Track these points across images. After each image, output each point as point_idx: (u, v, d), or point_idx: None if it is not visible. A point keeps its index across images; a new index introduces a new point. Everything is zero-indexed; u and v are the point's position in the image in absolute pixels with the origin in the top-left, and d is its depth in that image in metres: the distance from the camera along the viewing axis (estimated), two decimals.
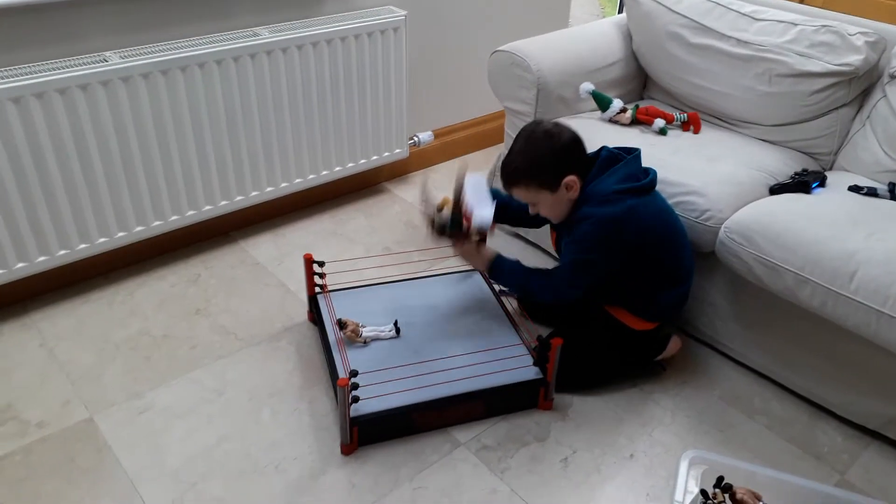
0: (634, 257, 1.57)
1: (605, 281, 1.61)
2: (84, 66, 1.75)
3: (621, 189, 1.55)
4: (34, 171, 1.75)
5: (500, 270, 1.70)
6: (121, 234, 1.97)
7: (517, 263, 1.69)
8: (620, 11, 2.94)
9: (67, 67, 1.74)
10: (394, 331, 1.75)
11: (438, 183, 2.67)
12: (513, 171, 1.58)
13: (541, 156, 1.55)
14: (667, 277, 1.66)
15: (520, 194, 1.61)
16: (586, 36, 2.27)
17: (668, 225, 1.64)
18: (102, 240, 1.94)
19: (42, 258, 1.85)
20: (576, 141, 1.58)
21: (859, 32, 1.87)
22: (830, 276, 1.50)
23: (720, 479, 1.30)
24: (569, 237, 1.60)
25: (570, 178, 1.55)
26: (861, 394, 1.61)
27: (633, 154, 1.61)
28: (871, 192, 1.75)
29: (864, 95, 1.94)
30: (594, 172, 1.59)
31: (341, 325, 1.71)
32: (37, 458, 1.52)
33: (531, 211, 1.65)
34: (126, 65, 1.79)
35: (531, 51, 2.10)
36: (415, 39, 2.48)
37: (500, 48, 2.14)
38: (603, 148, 1.63)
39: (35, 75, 1.69)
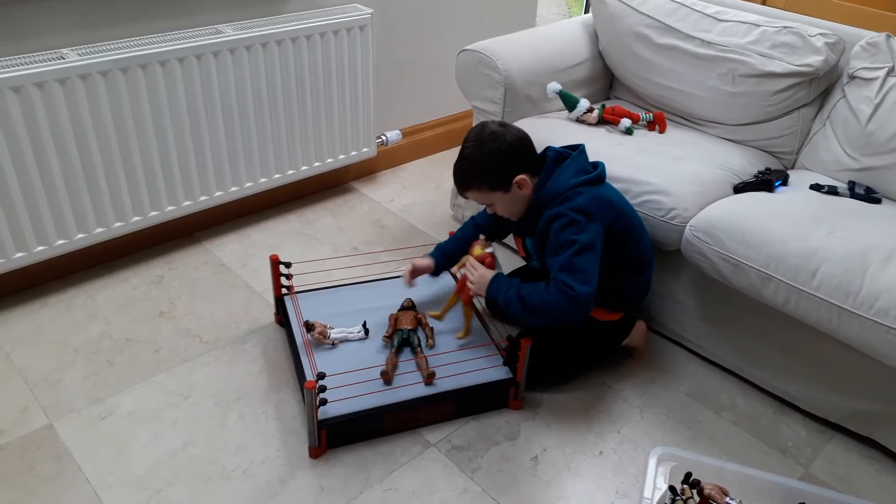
0: (606, 244, 1.57)
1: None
2: (40, 64, 1.70)
3: (578, 182, 1.57)
4: None
5: (502, 290, 1.59)
6: (80, 235, 1.92)
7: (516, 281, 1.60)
8: (587, 11, 2.95)
9: (23, 65, 1.69)
10: (362, 332, 1.73)
11: (407, 182, 2.67)
12: (464, 175, 1.61)
13: (489, 158, 1.56)
14: (630, 266, 1.68)
15: (474, 196, 1.63)
16: (553, 36, 2.28)
17: (624, 214, 1.65)
18: (61, 241, 1.89)
19: None
20: (522, 140, 1.60)
21: (819, 34, 1.90)
22: (793, 274, 1.53)
23: (688, 475, 1.32)
24: (539, 242, 1.61)
25: (521, 177, 1.57)
26: (824, 388, 1.65)
27: (578, 150, 1.64)
28: (832, 191, 1.79)
29: (825, 96, 1.98)
30: (545, 174, 1.61)
31: (309, 326, 1.69)
32: None
33: (489, 211, 1.67)
34: (84, 62, 1.74)
35: (498, 50, 2.10)
36: (382, 37, 2.47)
37: (468, 47, 2.14)
38: (548, 148, 1.66)
39: None
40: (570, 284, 1.49)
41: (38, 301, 1.94)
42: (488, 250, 1.68)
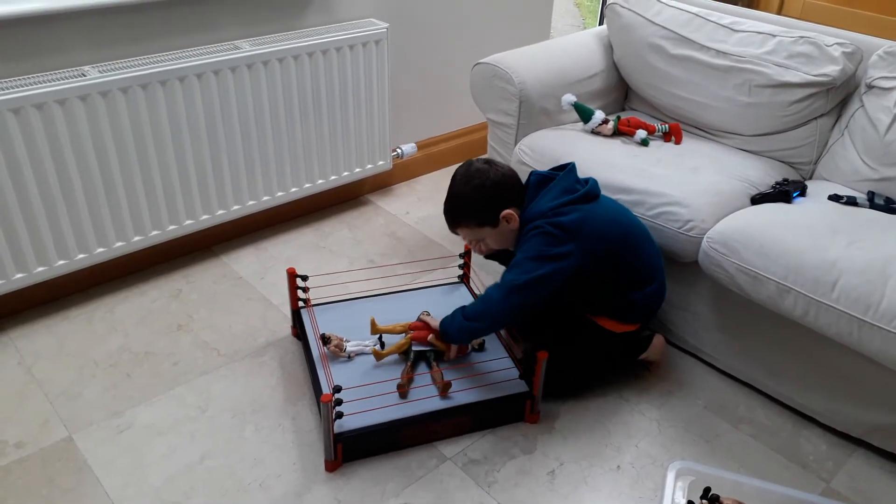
0: (593, 265, 1.56)
1: (561, 285, 1.55)
2: (62, 81, 1.73)
3: (557, 205, 1.56)
4: (11, 187, 1.72)
5: (450, 324, 1.63)
6: (100, 249, 1.94)
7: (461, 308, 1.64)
8: (601, 23, 2.96)
9: (45, 82, 1.72)
10: (378, 345, 1.73)
11: (422, 194, 2.67)
12: (452, 214, 1.65)
13: (476, 197, 1.60)
14: (632, 280, 1.66)
15: (464, 233, 1.67)
16: (568, 47, 2.29)
17: (621, 228, 1.63)
18: (81, 256, 1.91)
19: (19, 275, 1.82)
20: (507, 176, 1.62)
21: (836, 43, 1.89)
22: (812, 285, 1.52)
23: (707, 489, 1.30)
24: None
25: (507, 212, 1.59)
26: (844, 402, 1.62)
27: (566, 169, 1.64)
28: (851, 201, 1.77)
29: (842, 105, 1.97)
30: (528, 198, 1.63)
31: (325, 339, 1.70)
32: (15, 479, 1.49)
33: (482, 249, 1.69)
34: (105, 79, 1.77)
35: (513, 63, 2.11)
36: (397, 51, 2.49)
37: (483, 60, 2.15)
38: (532, 173, 1.67)
39: (11, 90, 1.66)
40: (505, 280, 1.54)
41: (59, 314, 1.97)
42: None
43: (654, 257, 1.70)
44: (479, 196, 1.60)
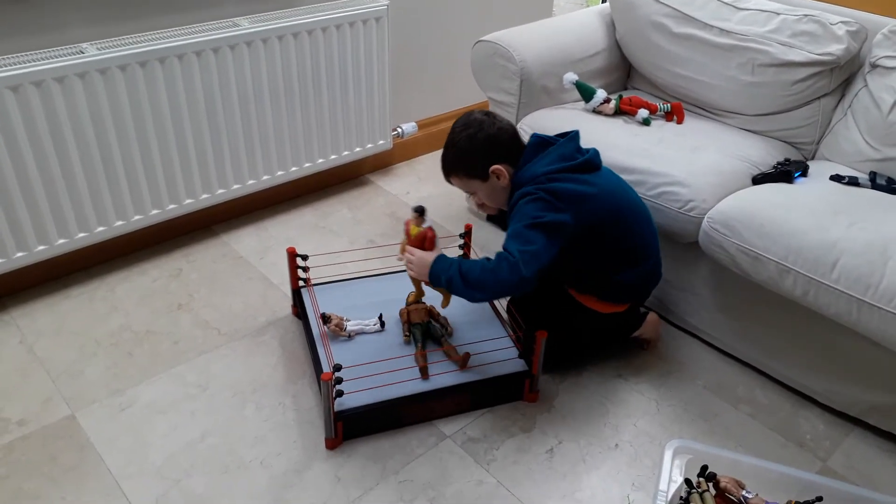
0: (581, 237, 1.54)
1: (553, 257, 1.51)
2: (60, 58, 1.72)
3: (552, 170, 1.53)
4: (10, 164, 1.72)
5: (442, 273, 1.53)
6: (100, 228, 1.94)
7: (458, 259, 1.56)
8: (604, 1, 2.92)
9: (43, 59, 1.71)
10: (378, 324, 1.74)
11: (423, 174, 2.66)
12: (444, 161, 1.64)
13: (467, 147, 1.58)
14: (622, 258, 1.63)
15: (456, 183, 1.66)
16: (570, 26, 2.26)
17: (616, 204, 1.59)
18: (81, 234, 1.91)
19: (20, 254, 1.82)
20: (504, 130, 1.60)
21: (841, 22, 1.87)
22: (812, 266, 1.51)
23: (704, 467, 1.31)
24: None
25: (497, 167, 1.57)
26: (843, 381, 1.63)
27: (568, 136, 1.61)
28: (853, 182, 1.76)
29: (846, 85, 1.95)
30: (524, 159, 1.59)
31: (325, 319, 1.70)
32: (18, 457, 1.50)
33: (475, 200, 1.68)
34: (103, 56, 1.76)
35: (514, 41, 2.09)
36: (397, 29, 2.46)
37: (484, 38, 2.13)
38: (533, 135, 1.63)
39: (9, 67, 1.65)
40: (511, 251, 1.46)
41: (60, 293, 1.97)
42: (424, 226, 1.60)
43: (649, 238, 1.67)
44: (470, 146, 1.58)
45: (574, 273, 1.67)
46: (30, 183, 1.76)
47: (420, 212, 1.60)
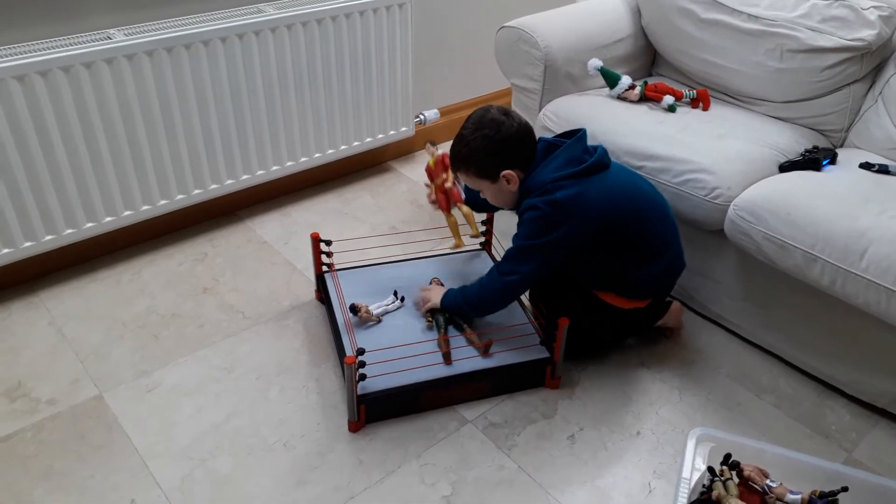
0: (590, 240, 1.54)
1: (556, 267, 1.58)
2: (88, 44, 1.74)
3: (558, 177, 1.51)
4: (39, 149, 1.74)
5: (451, 303, 1.70)
6: (127, 212, 1.97)
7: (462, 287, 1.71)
8: None
9: (71, 45, 1.73)
10: (398, 301, 1.75)
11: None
12: (455, 156, 1.60)
13: (481, 147, 1.54)
14: (637, 257, 1.61)
15: (464, 179, 1.64)
16: (594, 11, 2.24)
17: (626, 203, 1.57)
18: (109, 219, 1.94)
19: (49, 237, 1.85)
20: (521, 132, 1.55)
21: (872, 6, 1.84)
22: (841, 254, 1.49)
23: (727, 456, 1.30)
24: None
25: (508, 173, 1.55)
26: (870, 372, 1.61)
27: (575, 137, 1.58)
28: (883, 170, 1.73)
29: (877, 71, 1.92)
30: (534, 165, 1.57)
31: (354, 309, 1.71)
32: (47, 435, 1.53)
33: (482, 195, 1.67)
34: (130, 42, 1.78)
35: (539, 26, 2.07)
36: (421, 15, 2.46)
37: (507, 24, 2.12)
38: (540, 139, 1.62)
39: (39, 53, 1.67)
40: (504, 270, 1.59)
41: (88, 276, 2.00)
42: (439, 153, 1.78)
43: (666, 233, 1.64)
44: (485, 148, 1.54)
45: (590, 273, 1.66)
46: (58, 167, 1.79)
47: (432, 143, 1.82)
